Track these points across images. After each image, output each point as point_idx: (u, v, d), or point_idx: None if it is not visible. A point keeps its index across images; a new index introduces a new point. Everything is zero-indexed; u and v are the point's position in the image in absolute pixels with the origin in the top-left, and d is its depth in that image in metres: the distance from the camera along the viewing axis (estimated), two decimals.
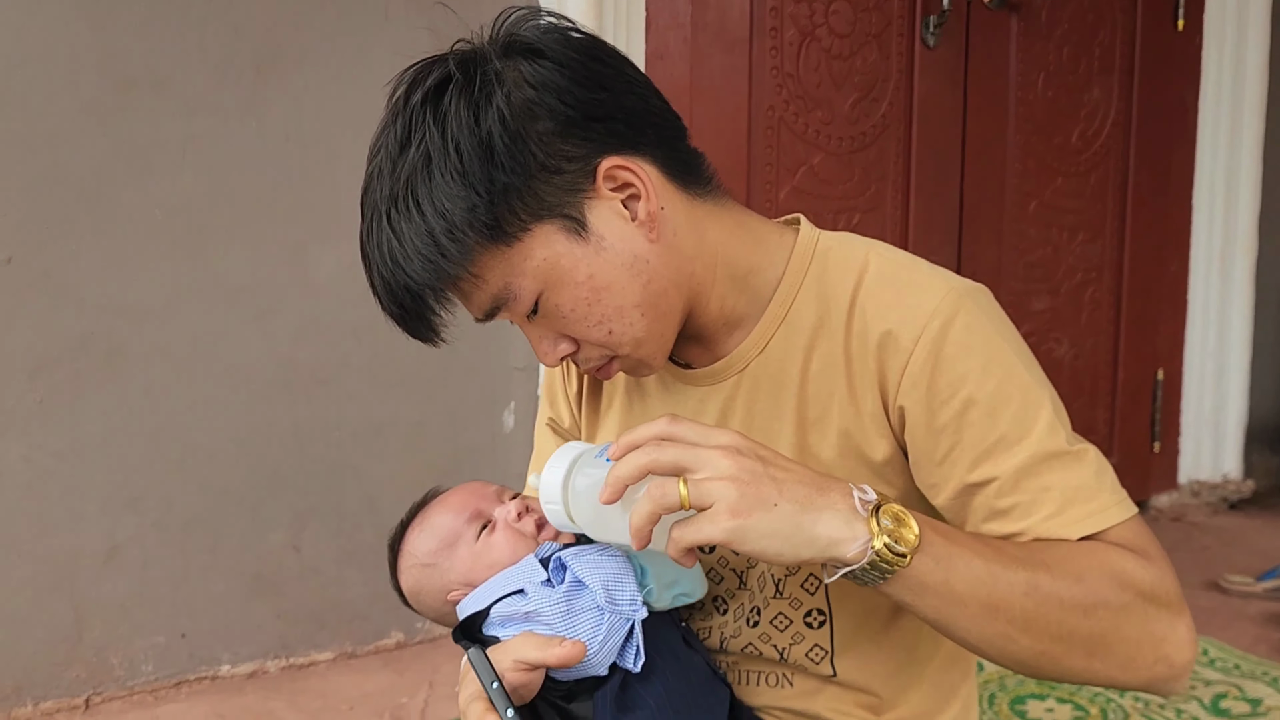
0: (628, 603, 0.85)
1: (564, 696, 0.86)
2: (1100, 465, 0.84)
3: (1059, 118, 2.78)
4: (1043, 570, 0.77)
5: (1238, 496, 3.07)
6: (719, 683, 0.93)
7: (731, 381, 0.94)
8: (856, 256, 0.91)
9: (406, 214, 0.82)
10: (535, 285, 0.85)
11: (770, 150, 2.46)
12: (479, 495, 1.02)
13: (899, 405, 0.86)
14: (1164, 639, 0.79)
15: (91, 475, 1.91)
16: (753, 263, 0.93)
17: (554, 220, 0.83)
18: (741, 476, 0.73)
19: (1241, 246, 3.00)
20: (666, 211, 0.87)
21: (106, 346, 1.91)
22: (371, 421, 2.12)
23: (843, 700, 0.96)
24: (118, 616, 1.96)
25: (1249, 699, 1.85)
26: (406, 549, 1.02)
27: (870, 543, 0.73)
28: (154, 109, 1.89)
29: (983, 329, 0.85)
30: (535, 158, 0.81)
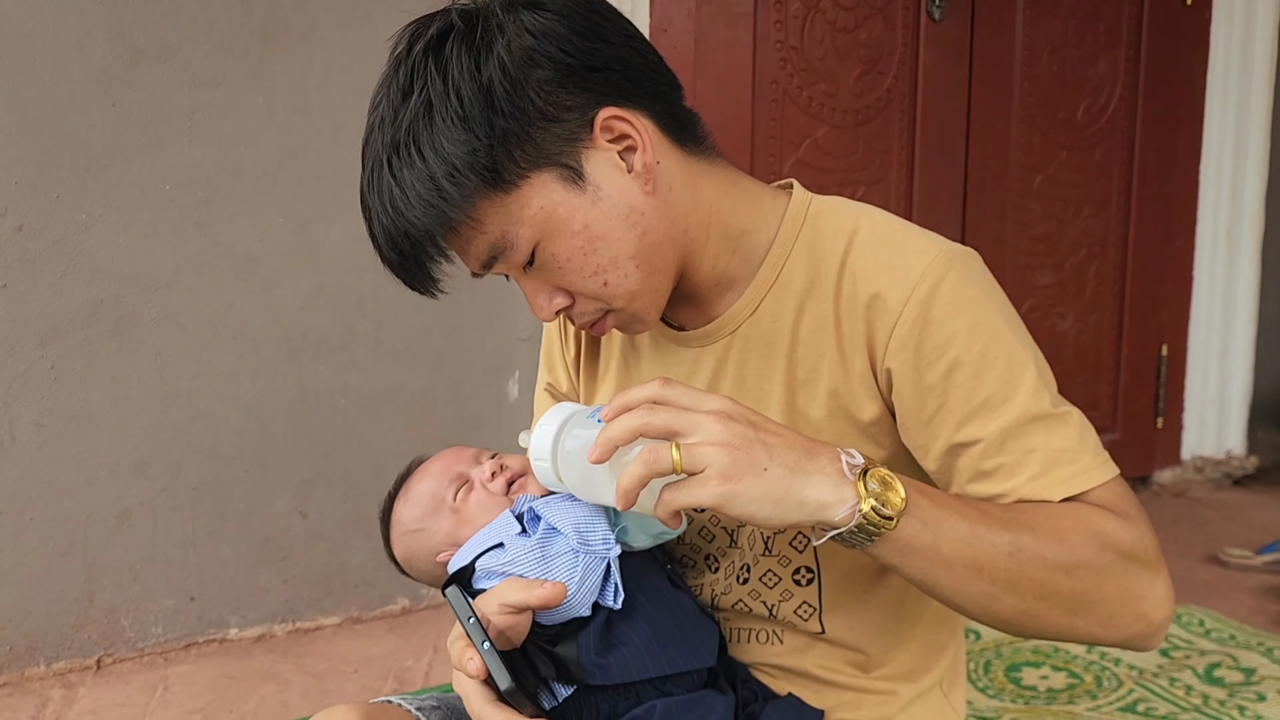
0: (600, 542, 0.87)
1: (550, 640, 0.88)
2: (1083, 427, 0.86)
3: (1065, 92, 2.77)
4: (1026, 532, 0.79)
5: (1241, 472, 3.07)
6: (708, 620, 0.95)
7: (723, 343, 0.96)
8: (847, 220, 0.92)
9: (408, 160, 0.83)
10: (532, 234, 0.85)
11: (774, 123, 2.47)
12: (457, 459, 1.05)
13: (886, 367, 0.88)
14: (1143, 596, 0.81)
15: (102, 440, 1.95)
16: (746, 223, 0.94)
17: (552, 169, 0.84)
18: (733, 441, 0.73)
19: (1248, 222, 2.99)
20: (662, 165, 0.88)
21: (117, 314, 1.94)
22: (377, 390, 2.15)
23: (831, 657, 0.98)
24: (128, 579, 2.00)
25: (1243, 668, 1.87)
26: (395, 519, 1.07)
27: (858, 506, 0.74)
28: (162, 80, 1.92)
29: (970, 292, 0.86)
30: (534, 105, 0.82)
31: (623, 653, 0.87)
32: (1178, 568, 2.40)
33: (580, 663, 0.86)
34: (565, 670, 0.87)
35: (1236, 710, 1.72)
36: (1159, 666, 1.88)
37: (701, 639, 0.91)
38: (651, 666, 0.88)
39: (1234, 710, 1.72)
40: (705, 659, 0.91)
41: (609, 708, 0.89)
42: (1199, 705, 1.73)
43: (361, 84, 0.90)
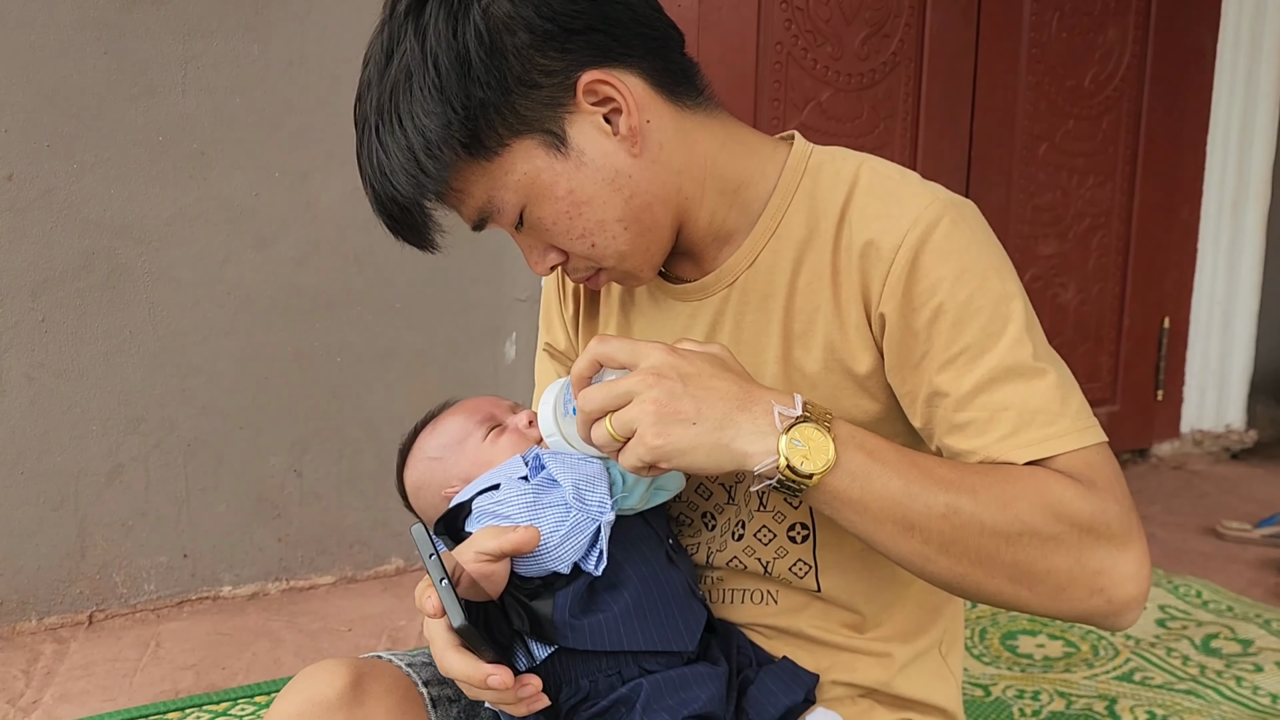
0: (596, 504, 0.85)
1: (530, 594, 0.86)
2: (1066, 387, 0.82)
3: (1072, 59, 2.73)
4: (966, 494, 0.77)
5: (1240, 446, 3.07)
6: (696, 603, 0.92)
7: (720, 295, 0.94)
8: (848, 169, 0.90)
9: (390, 129, 0.83)
10: (517, 199, 0.86)
11: (778, 86, 2.44)
12: (493, 404, 1.07)
13: (880, 312, 0.86)
14: (1100, 572, 0.77)
15: (93, 395, 1.93)
16: (744, 176, 0.92)
17: (533, 135, 0.84)
18: (660, 399, 0.76)
19: (1254, 195, 2.96)
20: (652, 124, 0.86)
21: (109, 266, 1.91)
22: (373, 348, 2.12)
23: (827, 618, 0.96)
24: (120, 535, 1.98)
25: (1240, 640, 1.87)
26: (417, 446, 1.06)
27: (776, 461, 0.75)
28: (155, 28, 1.88)
29: (961, 239, 0.84)
30: (512, 72, 0.81)
31: (598, 619, 0.85)
32: (1175, 540, 2.40)
33: (554, 620, 0.84)
34: (538, 626, 0.84)
35: (1234, 681, 1.71)
36: (1156, 636, 1.88)
37: (686, 621, 0.89)
38: (626, 639, 0.86)
39: (1231, 681, 1.71)
40: (685, 642, 0.88)
41: (589, 683, 0.87)
42: (1196, 675, 1.73)
43: (360, 35, 0.89)
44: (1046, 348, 0.85)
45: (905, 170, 0.91)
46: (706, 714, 0.84)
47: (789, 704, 0.91)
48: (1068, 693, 1.67)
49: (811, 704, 0.94)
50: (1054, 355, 0.85)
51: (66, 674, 1.78)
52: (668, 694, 0.84)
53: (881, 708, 0.98)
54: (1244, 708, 1.63)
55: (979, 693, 1.67)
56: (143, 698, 1.70)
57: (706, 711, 0.84)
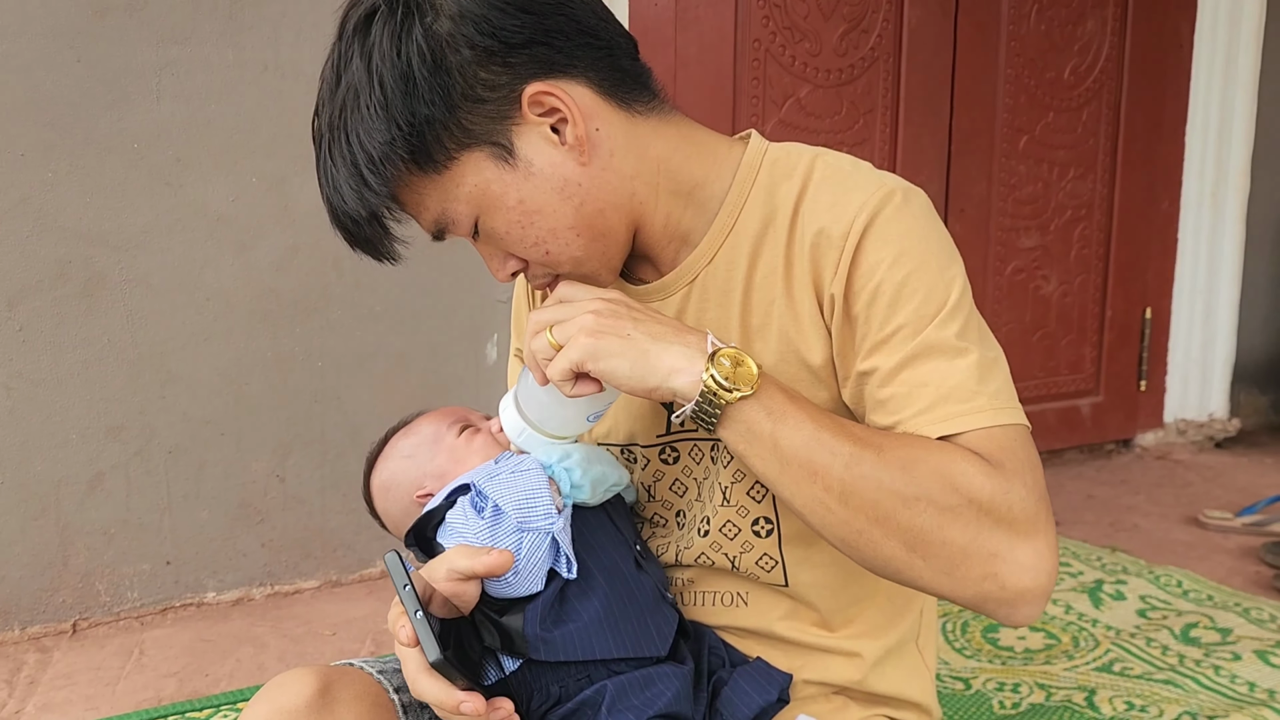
0: (542, 518, 0.86)
1: (499, 610, 0.86)
2: (988, 367, 0.84)
3: (1051, 51, 2.74)
4: (871, 449, 0.79)
5: (1223, 435, 3.08)
6: (666, 606, 0.93)
7: (681, 294, 0.95)
8: (803, 164, 0.92)
9: (340, 146, 0.86)
10: (470, 210, 0.88)
11: (756, 83, 2.44)
12: (466, 410, 1.09)
13: (830, 293, 0.88)
14: (996, 555, 0.77)
15: (72, 403, 1.92)
16: (699, 177, 0.93)
17: (481, 148, 0.85)
18: (603, 313, 0.81)
19: (1233, 184, 2.98)
20: (602, 132, 0.88)
21: (86, 275, 1.90)
22: (354, 352, 2.12)
23: (797, 617, 0.97)
24: (102, 543, 1.98)
25: (1219, 628, 1.88)
26: (390, 446, 1.07)
27: (702, 376, 0.78)
28: (129, 35, 1.87)
29: (902, 224, 0.86)
30: (456, 88, 0.83)
31: (569, 629, 0.86)
32: (1158, 530, 2.41)
33: (525, 634, 0.85)
34: (509, 641, 0.85)
35: (1212, 670, 1.72)
36: (1136, 627, 1.89)
37: (657, 625, 0.90)
38: (598, 647, 0.86)
39: (1209, 670, 1.72)
40: (656, 647, 0.89)
41: (560, 689, 0.87)
42: (1175, 665, 1.74)
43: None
44: (980, 331, 0.87)
45: (859, 162, 0.92)
46: (672, 713, 0.85)
47: (763, 703, 0.92)
48: (1048, 684, 1.67)
49: (786, 703, 0.95)
50: (987, 339, 0.87)
51: (49, 683, 1.78)
52: (632, 693, 0.85)
53: (855, 705, 0.99)
54: (1221, 696, 1.63)
55: (959, 686, 1.68)
56: (126, 706, 1.70)
57: (672, 710, 0.85)
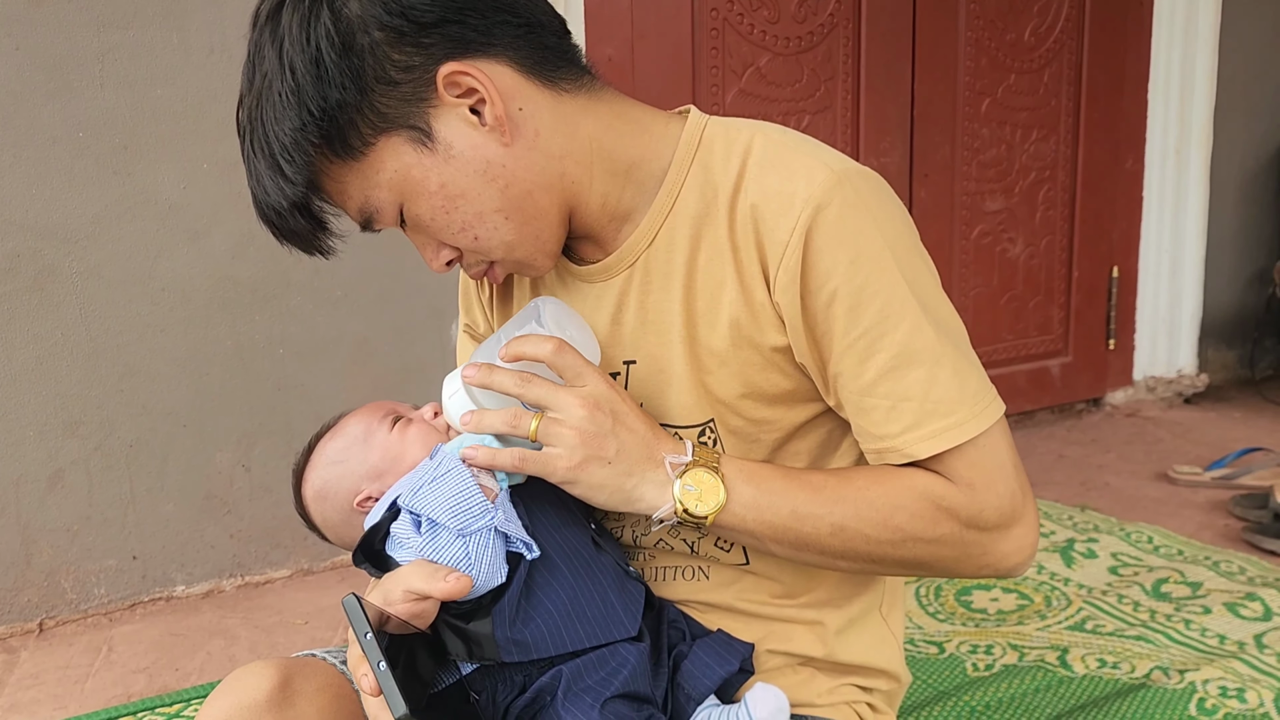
0: (478, 515, 0.83)
1: (462, 617, 0.84)
2: (964, 370, 0.85)
3: (1011, 13, 2.73)
4: (851, 513, 0.85)
5: (1192, 391, 3.10)
6: (632, 582, 0.91)
7: (623, 276, 0.93)
8: (740, 140, 0.89)
9: (255, 135, 0.84)
10: (393, 197, 0.85)
11: (715, 53, 2.41)
12: (392, 403, 1.03)
13: (776, 300, 0.86)
14: (985, 553, 0.87)
15: (27, 400, 1.89)
16: (635, 155, 0.91)
17: (399, 132, 0.83)
18: (588, 429, 0.83)
19: (1197, 141, 2.98)
20: (525, 112, 0.85)
21: (35, 268, 1.87)
22: (316, 339, 2.10)
23: (757, 590, 0.96)
24: (65, 541, 1.95)
25: (1189, 582, 1.89)
26: (316, 456, 1.01)
27: (674, 509, 0.84)
28: (68, 21, 1.83)
29: (855, 220, 0.83)
30: (368, 71, 0.81)
31: (538, 627, 0.83)
32: (1129, 487, 2.43)
33: (495, 639, 0.83)
34: (479, 648, 0.83)
35: (1183, 624, 1.73)
36: (1108, 584, 1.90)
37: (624, 605, 0.88)
38: (569, 640, 0.84)
39: (1180, 624, 1.73)
40: (625, 628, 0.87)
41: (524, 678, 0.85)
42: (1146, 620, 1.75)
43: None
44: (948, 320, 0.87)
45: (801, 138, 0.90)
46: (629, 692, 0.83)
47: (724, 674, 0.91)
48: (1020, 645, 1.68)
49: (749, 674, 0.94)
50: (953, 326, 0.87)
51: (16, 684, 1.75)
52: (587, 674, 0.83)
53: (822, 675, 0.98)
54: (1192, 649, 1.65)
55: (933, 650, 1.68)
56: (94, 704, 1.68)
57: (629, 690, 0.83)
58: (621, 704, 0.83)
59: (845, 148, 2.58)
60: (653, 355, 0.92)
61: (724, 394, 0.90)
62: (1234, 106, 3.01)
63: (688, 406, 0.91)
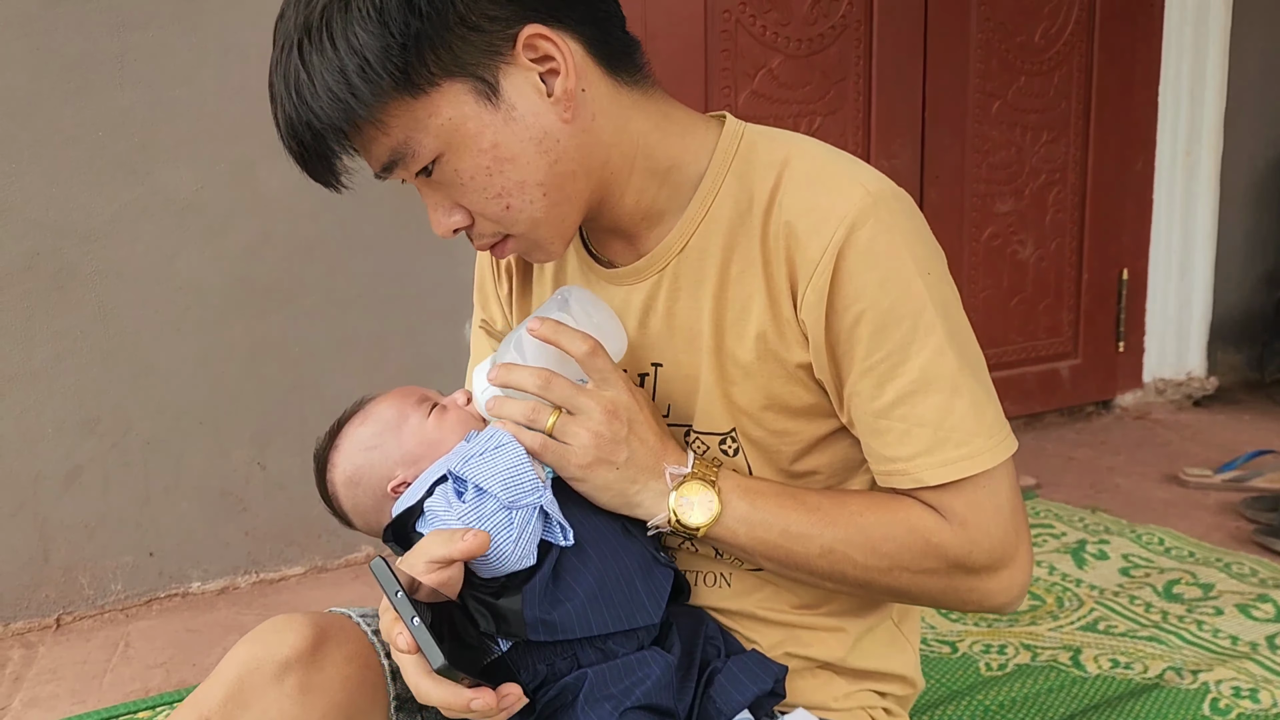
0: (529, 491, 0.84)
1: (494, 593, 0.84)
2: (982, 401, 0.85)
3: (1021, 15, 2.73)
4: (842, 537, 0.87)
5: (1202, 393, 3.10)
6: (660, 568, 0.91)
7: (653, 280, 0.92)
8: (778, 152, 0.88)
9: (319, 46, 0.79)
10: (436, 144, 0.82)
11: (727, 54, 2.42)
12: (423, 390, 1.03)
13: (801, 318, 0.86)
14: (972, 591, 0.88)
15: (46, 397, 1.90)
16: (675, 157, 0.91)
17: (465, 79, 0.80)
18: (604, 434, 0.86)
19: (1207, 143, 2.98)
20: (588, 94, 0.85)
21: (55, 267, 1.88)
22: (331, 337, 2.11)
23: (777, 600, 0.97)
24: (83, 537, 1.97)
25: (1201, 584, 1.89)
26: (346, 438, 1.00)
27: (670, 519, 0.87)
28: (86, 22, 1.84)
29: (886, 242, 0.83)
30: (455, 10, 0.78)
31: (566, 610, 0.84)
32: (1139, 489, 2.43)
33: (524, 617, 0.83)
34: (505, 624, 0.83)
35: (1195, 625, 1.74)
36: (1119, 585, 1.90)
37: (650, 592, 0.88)
38: (594, 623, 0.85)
39: (1192, 625, 1.74)
40: (649, 615, 0.87)
41: (546, 667, 0.86)
42: (1158, 621, 1.75)
43: None
44: (970, 350, 0.87)
45: (837, 154, 0.89)
46: (650, 704, 0.84)
47: (757, 692, 0.90)
48: (1033, 645, 1.69)
49: (780, 697, 0.93)
50: (974, 356, 0.87)
51: (35, 678, 1.77)
52: (611, 682, 0.84)
53: (840, 679, 0.99)
54: (1204, 650, 1.65)
55: (946, 649, 1.69)
56: (112, 698, 1.69)
57: (650, 701, 0.83)
58: (641, 715, 0.84)
59: (856, 150, 2.59)
60: (678, 361, 0.92)
61: (747, 405, 0.91)
62: (1244, 109, 3.01)
63: (713, 414, 0.92)
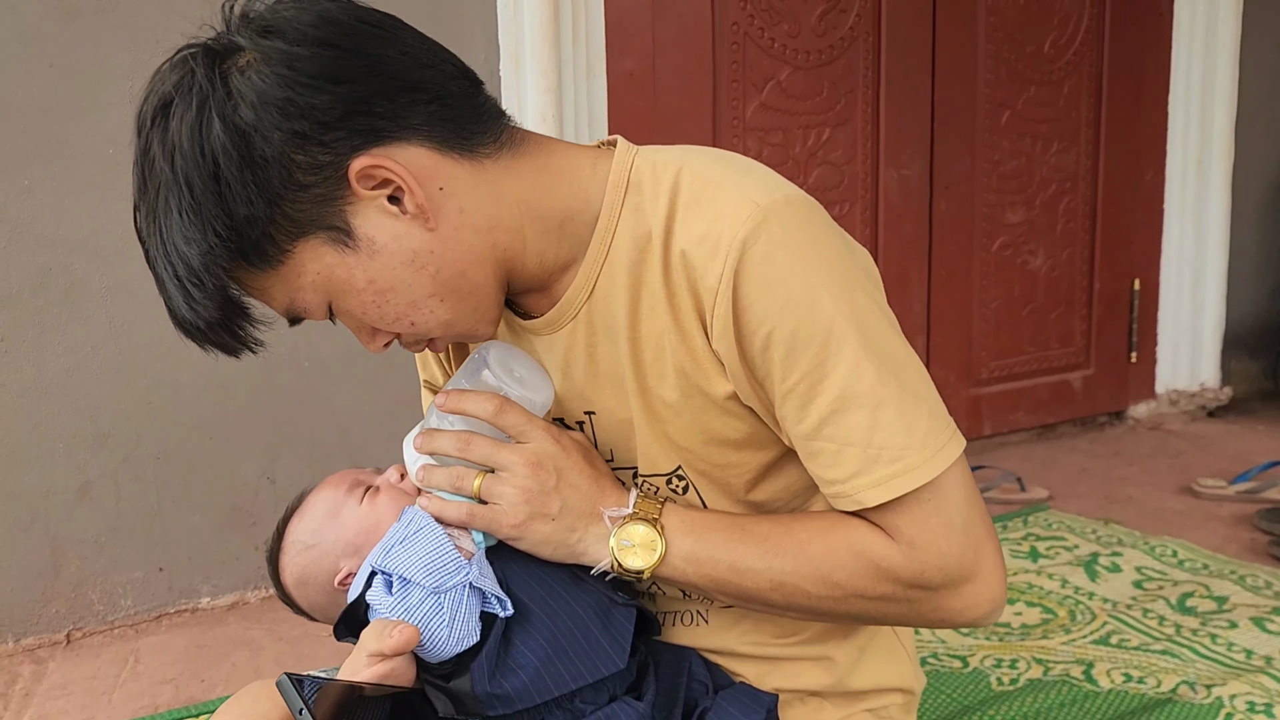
0: (453, 572, 0.83)
1: (445, 676, 0.83)
2: (909, 409, 0.81)
3: (1030, 25, 2.73)
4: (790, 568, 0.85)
5: (1215, 404, 3.08)
6: (620, 609, 0.89)
7: (568, 329, 0.90)
8: (667, 178, 0.85)
9: (162, 254, 0.78)
10: (320, 298, 0.81)
11: (736, 66, 2.43)
12: (354, 472, 1.02)
13: (715, 348, 0.84)
14: (934, 609, 0.85)
15: (58, 412, 1.91)
16: (565, 207, 0.86)
17: (316, 234, 0.79)
18: (531, 488, 0.85)
19: (1218, 152, 2.97)
20: (447, 190, 0.81)
21: (66, 282, 1.89)
22: (339, 351, 2.11)
23: (758, 631, 0.96)
24: (94, 552, 1.97)
25: (1215, 597, 1.88)
26: (288, 538, 1.00)
27: (612, 564, 0.86)
28: (99, 38, 1.86)
29: (783, 259, 0.80)
30: (273, 180, 0.76)
31: (519, 678, 0.82)
32: (1153, 500, 2.42)
33: (476, 695, 0.82)
34: (462, 705, 0.82)
35: (1209, 638, 1.72)
36: (1133, 599, 1.89)
37: (612, 638, 0.86)
38: (554, 685, 0.83)
39: (1206, 638, 1.72)
40: (614, 662, 0.85)
41: None
42: (1171, 635, 1.74)
43: None
44: (893, 357, 0.82)
45: (729, 166, 0.86)
46: None
47: None
48: (1045, 659, 1.67)
49: None
50: (900, 362, 0.82)
51: (45, 694, 1.77)
52: None
53: (830, 705, 0.97)
54: (1218, 664, 1.64)
55: (957, 664, 1.68)
56: (122, 714, 1.69)
57: None
58: None
59: (865, 160, 2.59)
60: (610, 407, 0.90)
61: (685, 442, 0.88)
62: (1255, 118, 3.00)
63: (653, 456, 0.90)
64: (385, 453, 2.05)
